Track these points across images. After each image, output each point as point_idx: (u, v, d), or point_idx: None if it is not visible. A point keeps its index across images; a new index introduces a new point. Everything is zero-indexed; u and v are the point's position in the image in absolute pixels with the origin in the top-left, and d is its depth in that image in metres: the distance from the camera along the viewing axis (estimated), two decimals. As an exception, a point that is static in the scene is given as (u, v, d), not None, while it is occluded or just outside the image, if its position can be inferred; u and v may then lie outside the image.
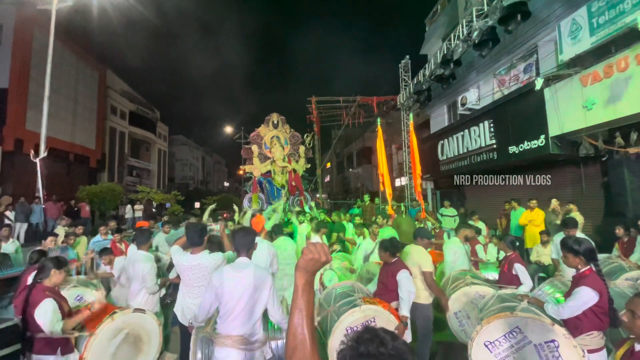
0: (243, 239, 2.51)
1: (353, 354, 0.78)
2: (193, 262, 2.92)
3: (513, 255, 3.81)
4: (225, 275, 2.32)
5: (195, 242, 2.96)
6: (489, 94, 10.52)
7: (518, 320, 2.44)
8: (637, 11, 5.51)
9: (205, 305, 2.37)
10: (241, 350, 2.25)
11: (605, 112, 6.04)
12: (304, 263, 0.98)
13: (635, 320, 1.55)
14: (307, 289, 0.95)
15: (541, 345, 2.35)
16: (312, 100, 14.46)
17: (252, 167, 11.93)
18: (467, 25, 8.66)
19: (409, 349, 0.79)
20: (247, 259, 2.45)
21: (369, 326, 0.86)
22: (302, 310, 0.93)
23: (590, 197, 7.05)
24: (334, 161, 33.94)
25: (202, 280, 2.93)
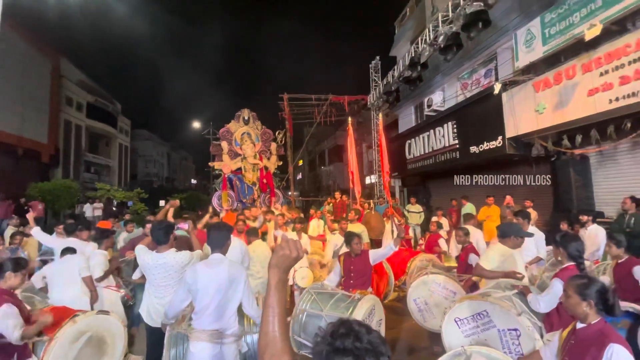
0: (217, 235, 2.52)
1: (329, 349, 0.79)
2: (159, 261, 2.86)
3: (469, 246, 4.12)
4: (199, 272, 2.34)
5: (161, 240, 2.91)
6: (452, 96, 11.07)
7: (487, 305, 2.65)
8: (584, 24, 6.05)
9: (176, 303, 2.38)
10: (216, 343, 2.29)
11: (554, 116, 6.61)
12: (277, 259, 0.99)
13: (568, 299, 1.77)
14: (279, 288, 0.95)
15: (504, 331, 2.54)
16: (284, 97, 14.40)
17: (222, 164, 11.68)
18: (434, 30, 9.04)
19: (383, 341, 0.83)
20: (221, 255, 2.47)
21: (345, 319, 0.86)
22: (274, 308, 0.92)
23: (541, 194, 7.68)
24: (306, 159, 33.98)
25: (169, 280, 2.89)
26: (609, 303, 1.67)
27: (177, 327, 2.54)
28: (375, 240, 8.03)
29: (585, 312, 1.70)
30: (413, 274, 4.35)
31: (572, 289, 1.77)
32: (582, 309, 1.71)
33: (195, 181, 51.93)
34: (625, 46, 5.31)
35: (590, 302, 1.69)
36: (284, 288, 0.98)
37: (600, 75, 5.72)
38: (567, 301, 1.79)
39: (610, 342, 1.55)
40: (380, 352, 0.79)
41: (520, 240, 3.10)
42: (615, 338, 1.59)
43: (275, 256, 1.00)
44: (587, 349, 1.63)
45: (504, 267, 3.00)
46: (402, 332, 4.41)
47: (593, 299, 1.69)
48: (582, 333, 1.71)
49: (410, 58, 10.14)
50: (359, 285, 3.54)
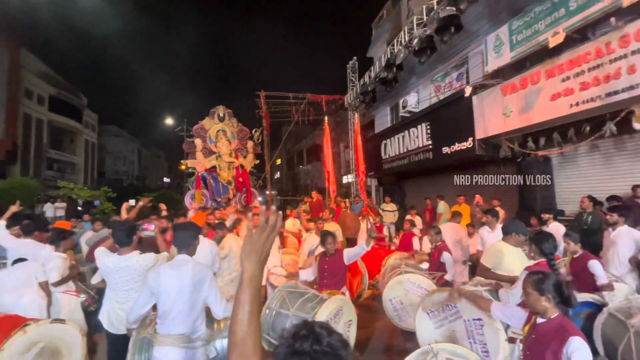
0: (183, 235, 2.43)
1: (287, 352, 0.77)
2: (120, 264, 2.71)
3: (442, 245, 4.22)
4: (162, 274, 2.24)
5: (123, 241, 2.77)
6: (426, 98, 11.35)
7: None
8: (549, 31, 6.37)
9: (137, 306, 2.27)
10: (182, 348, 2.20)
11: (520, 119, 6.92)
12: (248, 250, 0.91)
13: (528, 297, 1.84)
14: (252, 284, 0.88)
15: (469, 321, 2.65)
16: (261, 94, 14.18)
17: (195, 161, 11.37)
18: (409, 33, 9.22)
19: (344, 344, 0.81)
20: (186, 256, 2.37)
21: (307, 321, 0.85)
22: (246, 305, 0.87)
23: (508, 193, 8.03)
24: (284, 158, 33.73)
25: (131, 284, 2.75)
26: (564, 295, 1.75)
27: (142, 332, 2.43)
28: (350, 239, 8.10)
29: (545, 307, 1.77)
30: (386, 272, 4.40)
31: (529, 286, 1.84)
32: (541, 303, 1.78)
33: (169, 180, 50.25)
34: (586, 54, 5.63)
35: (548, 296, 1.76)
36: (258, 284, 0.91)
37: (562, 81, 6.04)
38: (527, 298, 1.85)
39: (570, 335, 1.63)
40: (339, 355, 0.78)
41: (522, 237, 3.04)
42: (574, 331, 1.66)
43: (245, 247, 0.92)
44: (548, 343, 1.69)
45: (505, 265, 2.95)
46: (376, 331, 4.45)
47: (550, 293, 1.76)
48: (542, 327, 1.78)
49: (386, 59, 10.28)
50: (332, 285, 3.56)
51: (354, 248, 3.69)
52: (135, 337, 2.45)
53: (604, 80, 5.35)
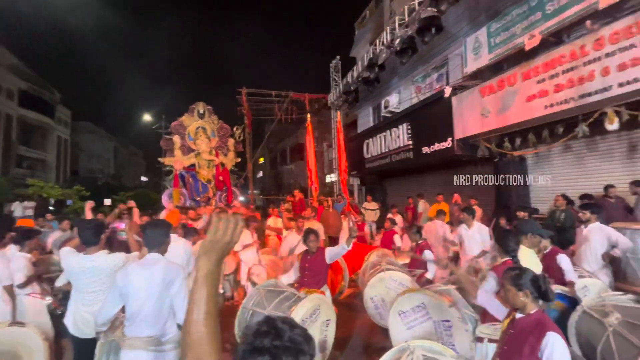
0: (154, 233, 2.32)
1: (247, 349, 0.75)
2: (87, 264, 2.56)
3: (424, 243, 4.24)
4: (131, 273, 2.13)
5: (90, 241, 2.62)
6: (407, 99, 11.48)
7: (424, 298, 2.77)
8: (525, 34, 6.54)
9: (106, 308, 2.16)
10: (150, 352, 2.08)
11: (497, 120, 7.08)
12: (206, 247, 0.86)
13: (507, 292, 1.83)
14: (209, 281, 0.83)
15: (438, 323, 2.68)
16: (243, 91, 13.92)
17: (173, 159, 11.03)
18: (391, 33, 9.29)
19: (307, 338, 0.79)
20: (157, 255, 2.27)
21: (270, 317, 0.82)
22: (201, 305, 0.81)
23: (485, 192, 8.21)
24: (267, 157, 33.42)
25: (99, 285, 2.60)
26: (542, 290, 1.75)
27: (110, 335, 2.30)
28: (333, 237, 8.06)
29: (524, 302, 1.77)
30: (367, 269, 4.38)
31: (507, 282, 1.84)
32: (519, 299, 1.78)
33: (146, 179, 48.79)
34: (560, 56, 5.81)
35: (526, 291, 1.76)
36: (215, 281, 0.85)
37: (537, 83, 6.22)
38: (506, 294, 1.85)
39: (548, 331, 1.63)
40: (301, 350, 0.75)
41: (537, 238, 2.89)
42: (552, 327, 1.67)
43: (204, 244, 0.87)
44: (526, 338, 1.69)
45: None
46: (356, 329, 4.42)
47: (528, 288, 1.76)
48: (521, 323, 1.77)
49: (368, 59, 10.33)
50: (312, 284, 3.51)
51: (336, 247, 3.65)
52: (103, 341, 2.33)
53: (577, 82, 5.54)
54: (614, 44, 5.05)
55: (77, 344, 2.72)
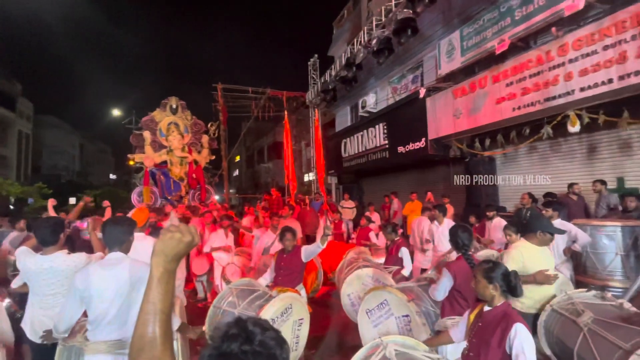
0: (115, 231, 2.17)
1: (212, 354, 0.70)
2: (44, 265, 2.38)
3: (400, 240, 4.28)
4: (92, 274, 1.98)
5: (47, 240, 2.44)
6: (384, 99, 11.64)
7: (386, 294, 2.82)
8: (495, 39, 6.79)
9: (67, 314, 2.00)
10: (117, 355, 1.96)
11: (469, 121, 7.31)
12: (163, 245, 0.82)
13: (478, 284, 1.87)
14: (164, 279, 0.79)
15: (399, 318, 2.73)
16: (218, 87, 13.58)
17: (144, 156, 10.58)
18: (368, 33, 9.37)
19: (280, 342, 0.75)
20: (120, 254, 2.13)
21: (240, 319, 0.78)
22: (157, 304, 0.77)
23: (457, 191, 8.46)
24: (243, 155, 32.87)
25: (57, 287, 2.42)
26: (511, 285, 1.80)
27: (71, 340, 2.14)
28: (310, 236, 8.03)
29: (492, 295, 1.82)
30: (344, 267, 4.38)
31: (479, 274, 1.88)
32: (489, 291, 1.82)
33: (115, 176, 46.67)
34: (528, 61, 6.08)
35: (496, 285, 1.81)
36: (171, 281, 0.81)
37: (506, 86, 6.47)
38: (476, 286, 1.89)
39: (514, 322, 1.68)
40: (272, 355, 0.71)
41: (548, 237, 2.76)
42: (518, 319, 1.72)
43: (162, 241, 0.82)
44: (493, 330, 1.73)
45: (529, 267, 2.68)
46: (331, 327, 4.41)
47: (498, 281, 1.81)
48: (489, 315, 1.81)
49: (346, 58, 10.37)
50: (287, 282, 3.46)
51: (311, 245, 3.61)
52: (62, 347, 2.17)
53: (543, 86, 5.81)
54: (577, 50, 5.33)
55: (35, 350, 2.54)
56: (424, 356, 1.84)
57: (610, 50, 4.95)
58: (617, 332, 2.10)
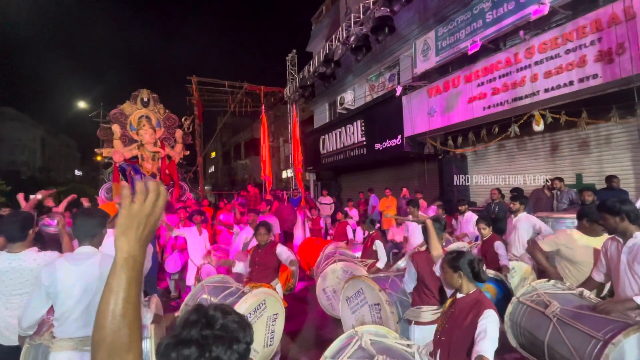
0: (85, 223, 2.07)
1: (170, 342, 0.66)
2: (12, 264, 2.24)
3: (375, 234, 4.37)
4: (58, 269, 1.89)
5: (14, 236, 2.29)
6: (362, 96, 11.77)
7: (362, 284, 2.97)
8: (468, 40, 7.02)
9: (31, 310, 1.91)
10: (85, 351, 1.87)
11: (442, 119, 7.54)
12: (124, 222, 0.68)
13: (444, 274, 1.96)
14: (129, 265, 0.68)
15: (372, 306, 2.87)
16: (193, 79, 13.17)
17: (112, 150, 10.11)
18: (346, 30, 9.40)
19: (243, 325, 0.73)
20: (90, 248, 2.04)
21: (201, 305, 0.74)
22: (120, 292, 0.67)
23: (430, 187, 8.74)
24: (219, 151, 32.16)
25: (25, 287, 2.28)
26: (475, 271, 1.88)
27: (37, 339, 2.04)
28: (288, 232, 8.00)
29: (459, 282, 1.91)
30: (321, 262, 4.42)
31: (445, 264, 1.96)
32: (455, 279, 1.91)
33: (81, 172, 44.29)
34: (497, 62, 6.35)
35: (460, 272, 1.89)
36: (137, 265, 0.69)
37: (477, 86, 6.73)
38: (444, 276, 1.97)
39: (485, 308, 1.77)
40: (235, 338, 0.69)
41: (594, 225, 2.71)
42: (489, 305, 1.81)
43: (120, 220, 0.69)
44: (465, 316, 1.81)
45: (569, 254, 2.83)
46: (308, 321, 4.43)
47: (463, 269, 1.89)
48: (461, 302, 1.90)
49: (324, 55, 10.36)
50: (262, 278, 3.46)
51: (284, 253, 3.54)
52: (29, 345, 2.05)
53: (511, 86, 6.10)
54: (542, 53, 5.63)
55: (1, 353, 2.39)
56: (396, 343, 1.90)
57: (571, 54, 5.26)
58: (586, 321, 2.14)
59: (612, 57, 4.79)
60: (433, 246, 2.51)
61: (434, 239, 2.53)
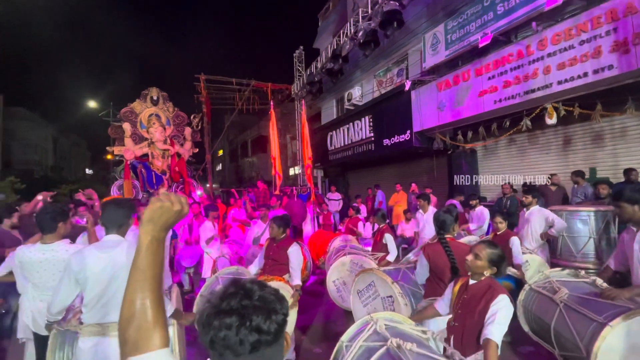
0: (114, 212, 2.12)
1: (212, 312, 0.70)
2: (44, 254, 2.31)
3: (384, 227, 4.38)
4: (87, 257, 1.95)
5: (45, 226, 2.36)
6: (369, 92, 11.72)
7: (373, 277, 3.00)
8: (479, 33, 6.94)
9: (60, 296, 1.96)
10: (113, 337, 1.92)
11: (452, 114, 7.47)
12: (151, 213, 0.80)
13: (477, 261, 1.91)
14: (153, 248, 0.78)
15: (384, 298, 2.90)
16: (201, 78, 13.25)
17: (124, 148, 10.25)
18: (354, 25, 9.38)
19: (280, 298, 0.76)
20: (117, 237, 2.09)
21: (237, 279, 0.78)
22: (146, 271, 0.75)
23: (440, 182, 8.68)
24: (227, 149, 32.34)
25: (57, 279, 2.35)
26: (501, 268, 1.90)
27: (65, 325, 2.11)
28: (297, 228, 8.04)
29: (484, 273, 1.90)
30: (332, 255, 4.45)
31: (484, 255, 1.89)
32: (484, 270, 1.90)
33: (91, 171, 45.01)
34: (509, 55, 6.26)
35: (493, 268, 1.90)
36: (160, 249, 0.79)
37: (488, 79, 6.65)
38: (474, 262, 1.91)
39: (499, 293, 1.77)
40: (273, 309, 0.72)
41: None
42: (503, 290, 1.81)
43: (150, 209, 0.80)
44: (478, 301, 1.81)
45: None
46: (320, 314, 4.47)
47: (496, 265, 1.89)
48: (474, 288, 1.90)
49: (332, 50, 10.35)
50: (275, 272, 3.42)
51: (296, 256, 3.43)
52: (56, 332, 2.12)
53: (523, 79, 6.01)
54: (555, 44, 5.54)
55: (38, 341, 2.49)
56: (411, 329, 1.91)
57: (586, 45, 5.17)
58: (591, 306, 2.22)
59: (628, 48, 4.69)
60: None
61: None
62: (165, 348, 0.72)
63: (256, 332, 0.68)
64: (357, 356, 1.68)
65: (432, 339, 1.92)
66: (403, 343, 1.59)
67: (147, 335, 0.70)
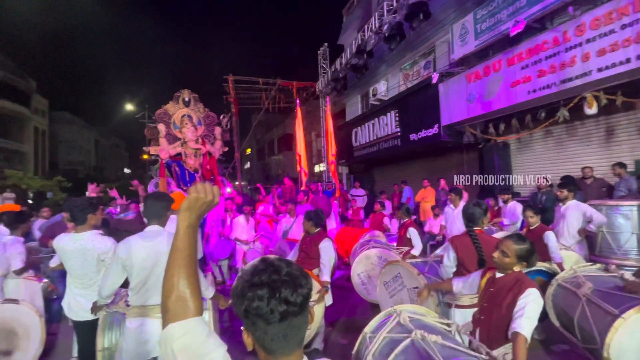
0: (154, 206, 2.31)
1: (245, 285, 0.79)
2: (75, 244, 2.52)
3: (408, 222, 4.36)
4: (133, 245, 2.14)
5: (77, 218, 2.56)
6: (395, 86, 11.54)
7: (399, 268, 3.06)
8: (510, 21, 6.64)
9: (110, 280, 2.17)
10: (157, 319, 2.11)
11: (482, 106, 7.22)
12: (189, 203, 0.91)
13: (504, 259, 1.88)
14: (189, 232, 0.88)
15: (410, 290, 2.94)
16: (229, 79, 13.68)
17: (159, 148, 10.81)
18: (379, 19, 9.28)
19: (305, 274, 0.84)
20: (158, 227, 2.27)
21: (265, 257, 0.88)
22: (184, 250, 0.86)
23: (470, 176, 8.42)
24: (254, 147, 33.11)
25: (89, 267, 2.55)
26: (530, 262, 1.87)
27: (113, 307, 2.37)
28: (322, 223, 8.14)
29: (513, 268, 1.87)
30: (357, 249, 4.51)
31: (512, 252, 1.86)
32: (513, 266, 1.87)
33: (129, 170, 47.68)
34: (544, 42, 5.95)
35: (523, 263, 1.87)
36: (195, 234, 0.91)
37: (521, 69, 6.36)
38: (502, 259, 1.88)
39: (527, 287, 1.74)
40: (299, 283, 0.80)
41: None
42: (531, 284, 1.78)
43: (188, 199, 0.92)
44: (505, 295, 1.80)
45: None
46: (347, 307, 4.55)
47: (525, 260, 1.86)
48: (501, 281, 1.88)
49: (356, 45, 10.31)
50: (306, 265, 3.51)
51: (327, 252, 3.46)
52: (105, 313, 2.37)
53: (559, 67, 5.70)
54: (594, 29, 5.21)
55: (76, 326, 2.72)
56: (435, 322, 1.93)
57: (628, 29, 4.82)
58: (611, 300, 2.22)
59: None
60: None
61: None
62: (200, 316, 0.82)
63: (284, 303, 0.77)
64: (381, 347, 1.73)
65: (457, 332, 1.93)
66: (428, 335, 1.62)
67: (184, 304, 0.80)
